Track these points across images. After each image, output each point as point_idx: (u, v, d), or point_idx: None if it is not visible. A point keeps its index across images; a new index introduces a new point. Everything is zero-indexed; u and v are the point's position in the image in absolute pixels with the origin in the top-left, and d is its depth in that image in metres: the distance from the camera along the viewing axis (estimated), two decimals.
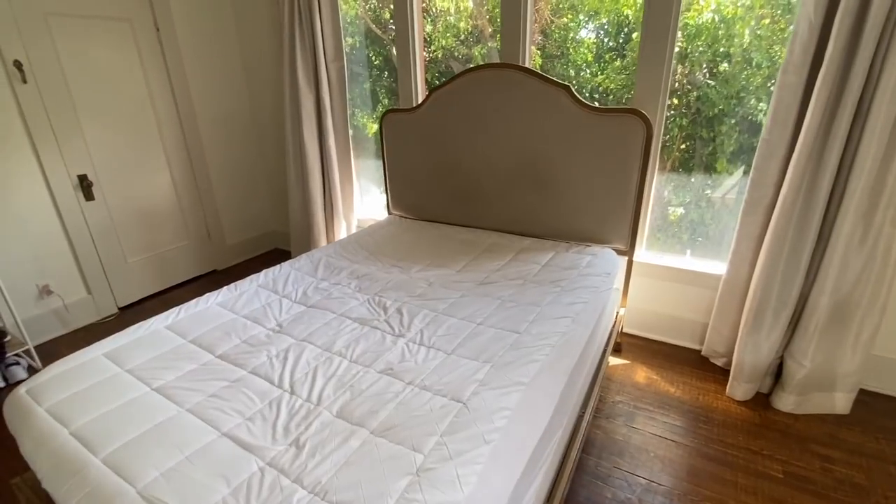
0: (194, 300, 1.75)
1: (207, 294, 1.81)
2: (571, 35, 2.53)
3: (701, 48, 2.13)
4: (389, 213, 2.89)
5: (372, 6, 3.08)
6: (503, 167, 2.32)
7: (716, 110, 2.16)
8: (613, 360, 2.29)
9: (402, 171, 2.70)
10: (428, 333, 1.48)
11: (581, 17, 2.44)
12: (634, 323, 2.49)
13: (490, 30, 2.75)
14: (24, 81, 2.35)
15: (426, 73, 2.83)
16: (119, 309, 2.99)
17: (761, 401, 2.00)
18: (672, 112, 2.20)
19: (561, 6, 2.43)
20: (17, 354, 2.31)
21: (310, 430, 1.08)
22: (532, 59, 2.43)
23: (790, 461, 1.69)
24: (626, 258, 2.17)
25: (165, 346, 1.46)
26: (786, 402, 1.93)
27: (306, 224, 3.21)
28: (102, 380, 1.29)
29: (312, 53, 2.80)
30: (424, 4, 2.76)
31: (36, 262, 2.55)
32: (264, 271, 2.02)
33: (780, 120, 1.74)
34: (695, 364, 2.26)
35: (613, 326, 2.10)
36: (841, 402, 1.91)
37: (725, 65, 2.11)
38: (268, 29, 3.17)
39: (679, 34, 2.03)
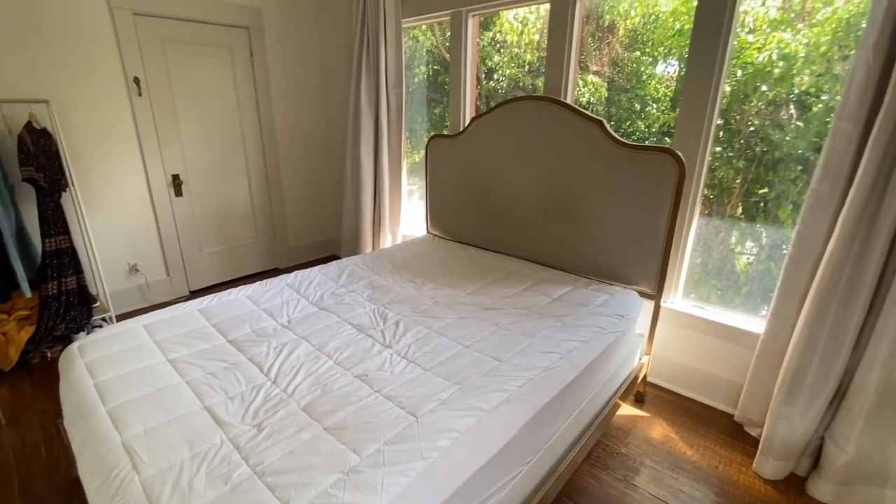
0: (228, 290, 1.98)
1: (242, 286, 2.04)
2: (643, 69, 2.49)
3: (756, 89, 2.00)
4: (427, 231, 3.00)
5: (447, 37, 3.31)
6: (533, 196, 2.33)
7: (774, 154, 2.00)
8: (630, 410, 2.16)
9: (441, 193, 2.81)
10: (415, 348, 1.54)
11: (654, 53, 2.40)
12: (664, 374, 2.32)
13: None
14: (140, 94, 2.85)
15: (490, 101, 2.95)
16: (190, 292, 3.41)
17: (795, 484, 1.76)
18: (721, 154, 2.07)
19: (635, 40, 2.41)
20: (102, 318, 2.75)
21: (274, 418, 1.19)
22: (576, 91, 2.43)
23: None
24: (654, 303, 2.05)
25: (191, 325, 1.68)
26: (822, 490, 1.68)
27: (355, 234, 3.44)
28: (133, 346, 1.52)
29: (375, 79, 3.05)
30: (493, 34, 2.90)
31: (130, 244, 3.03)
32: (295, 272, 2.22)
33: (832, 170, 1.58)
34: (724, 430, 2.04)
35: (633, 373, 1.99)
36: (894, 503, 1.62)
37: (790, 108, 1.96)
38: (345, 58, 3.51)
39: (728, 73, 1.92)
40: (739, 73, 2.07)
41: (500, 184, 2.46)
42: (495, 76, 3.13)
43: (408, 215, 3.48)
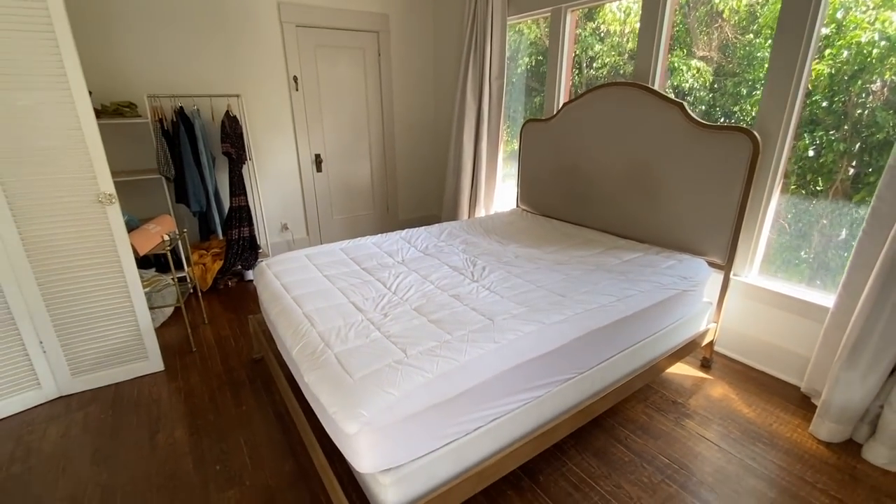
0: (358, 238, 2.60)
1: (369, 236, 2.64)
2: (756, 52, 2.56)
3: (864, 69, 2.02)
4: (517, 206, 3.39)
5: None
6: (615, 173, 2.59)
7: (877, 137, 2.01)
8: (695, 372, 2.34)
9: (532, 171, 3.17)
10: (496, 284, 1.96)
11: (765, 35, 2.44)
12: (735, 346, 2.44)
13: None
14: (297, 90, 3.64)
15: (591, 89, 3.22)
16: None
17: (851, 449, 1.85)
18: (822, 135, 2.12)
19: (751, 22, 2.48)
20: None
21: (395, 311, 1.71)
22: (666, 78, 2.60)
23: (844, 500, 1.60)
24: (724, 273, 2.22)
25: (337, 257, 2.30)
26: (877, 454, 1.76)
27: (454, 208, 3.95)
28: (300, 266, 2.17)
29: (480, 72, 3.48)
30: (597, 25, 3.15)
31: (283, 207, 3.89)
32: (407, 230, 2.78)
33: None
34: (788, 398, 2.15)
35: (697, 336, 2.19)
36: None
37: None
38: (454, 53, 4.00)
39: (815, 54, 2.00)
40: (845, 53, 2.11)
41: (585, 162, 2.75)
42: (595, 65, 3.36)
43: (500, 195, 3.88)
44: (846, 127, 2.09)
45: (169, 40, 3.11)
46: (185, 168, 3.05)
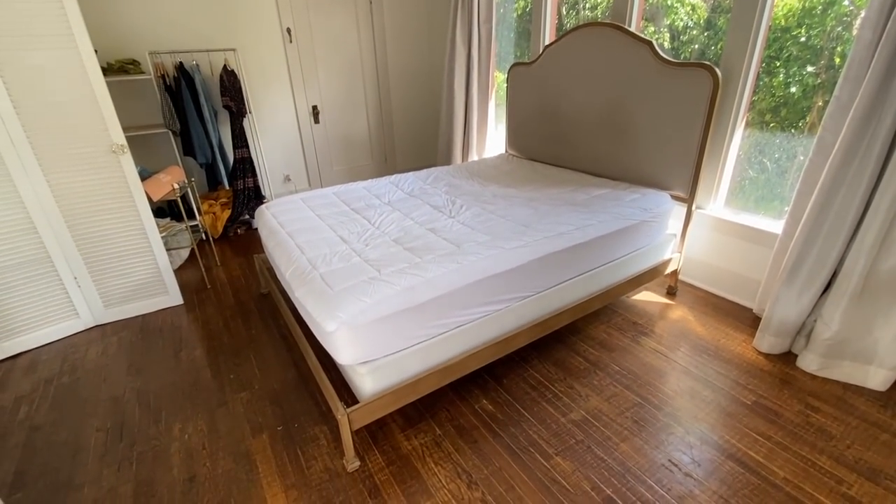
0: (353, 182, 2.80)
1: (360, 181, 2.84)
2: None
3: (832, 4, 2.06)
4: (505, 151, 3.52)
5: None
6: (591, 114, 2.70)
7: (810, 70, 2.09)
8: (660, 299, 2.55)
9: (518, 115, 3.28)
10: (470, 218, 2.16)
11: None
12: (699, 275, 2.63)
13: None
14: (291, 42, 3.73)
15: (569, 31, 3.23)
16: None
17: (788, 359, 2.07)
18: (793, 69, 2.18)
19: None
20: None
21: (375, 241, 1.94)
22: (640, 16, 2.64)
23: (768, 397, 1.84)
24: (686, 207, 2.37)
25: (329, 200, 2.52)
26: (809, 361, 1.98)
27: (448, 155, 4.09)
28: (295, 207, 2.39)
29: (469, 16, 3.51)
30: None
31: (284, 159, 4.08)
32: (397, 175, 2.96)
33: (852, 77, 1.74)
34: (740, 318, 2.36)
35: (661, 265, 2.38)
36: (877, 378, 1.87)
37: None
38: (445, 5, 3.99)
39: None
40: None
41: (565, 104, 2.85)
42: (587, 4, 3.35)
43: (493, 141, 3.99)
44: (823, 63, 2.15)
45: None
46: (189, 122, 3.24)
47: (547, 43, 3.18)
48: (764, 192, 2.41)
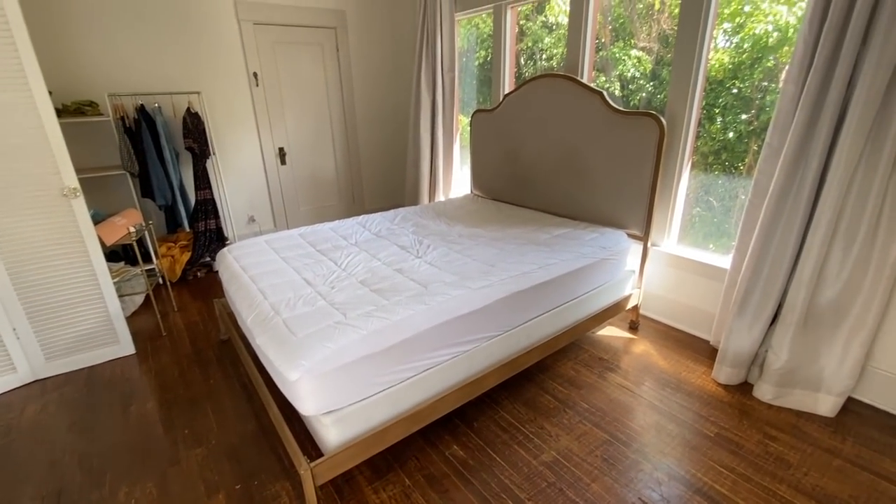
0: (319, 223, 2.79)
1: (326, 222, 2.83)
2: None
3: (760, 58, 2.29)
4: (470, 191, 3.61)
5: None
6: (550, 158, 2.83)
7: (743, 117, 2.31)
8: (623, 334, 2.62)
9: (481, 158, 3.40)
10: (437, 259, 2.19)
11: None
12: (658, 309, 2.73)
13: (603, 40, 3.17)
14: (257, 85, 3.78)
15: (527, 81, 3.43)
16: None
17: (745, 389, 2.15)
18: (729, 117, 2.38)
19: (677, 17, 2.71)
20: None
21: (341, 284, 1.92)
22: (591, 68, 2.85)
23: (729, 428, 1.89)
24: (643, 244, 2.49)
25: (294, 242, 2.49)
26: (764, 391, 2.06)
27: (415, 196, 4.16)
28: (259, 250, 2.35)
29: (433, 65, 3.68)
30: (546, 18, 3.36)
31: (249, 200, 4.03)
32: (364, 215, 2.97)
33: (780, 125, 1.92)
34: (699, 351, 2.44)
35: (622, 300, 2.46)
36: (826, 405, 1.96)
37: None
38: (411, 48, 4.18)
39: (712, 46, 2.27)
40: (746, 45, 2.38)
41: (525, 148, 2.99)
42: (545, 55, 3.58)
43: (459, 182, 4.10)
44: (755, 111, 2.37)
45: (128, 40, 3.20)
46: (148, 163, 3.17)
47: (507, 92, 3.36)
48: (712, 229, 2.57)
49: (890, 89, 1.61)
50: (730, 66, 2.41)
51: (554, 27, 3.43)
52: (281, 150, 4.10)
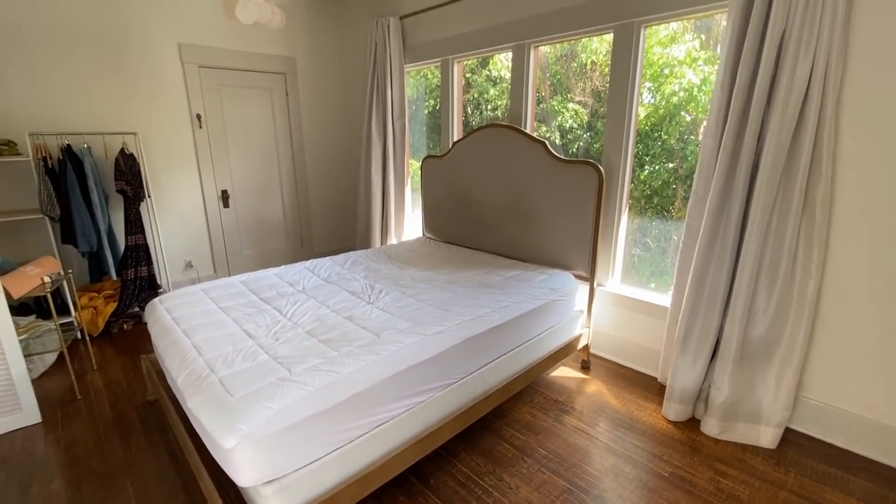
0: (263, 269, 2.65)
1: (271, 268, 2.70)
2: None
3: (676, 114, 2.53)
4: (422, 234, 3.62)
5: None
6: (499, 202, 2.91)
7: (693, 164, 2.52)
8: (576, 374, 2.64)
9: (433, 202, 3.44)
10: (390, 304, 2.13)
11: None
12: (607, 348, 2.80)
13: (543, 93, 3.38)
14: (200, 127, 3.66)
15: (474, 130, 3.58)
16: None
17: (693, 424, 2.20)
18: (658, 165, 2.59)
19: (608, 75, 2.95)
20: None
21: (286, 335, 1.80)
22: (533, 119, 3.02)
23: (682, 466, 1.91)
24: (589, 284, 2.57)
25: (235, 290, 2.34)
26: (710, 426, 2.12)
27: (366, 239, 4.10)
28: (195, 300, 2.18)
29: (383, 113, 3.75)
30: (489, 72, 3.54)
31: (187, 245, 3.79)
32: (312, 260, 2.87)
33: (704, 174, 2.10)
34: (648, 388, 2.50)
35: (572, 340, 2.49)
36: (766, 436, 2.04)
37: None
38: (361, 94, 4.26)
39: (639, 102, 2.48)
40: (664, 103, 2.63)
41: (475, 193, 3.06)
42: (489, 106, 3.76)
43: (411, 225, 4.10)
44: (677, 160, 2.59)
45: (56, 75, 3.02)
46: (72, 207, 2.92)
47: (456, 139, 3.47)
48: (650, 268, 2.71)
49: (793, 143, 1.82)
50: (653, 120, 2.65)
51: (497, 80, 3.64)
52: (224, 192, 3.94)
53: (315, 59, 4.28)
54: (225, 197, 3.96)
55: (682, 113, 2.52)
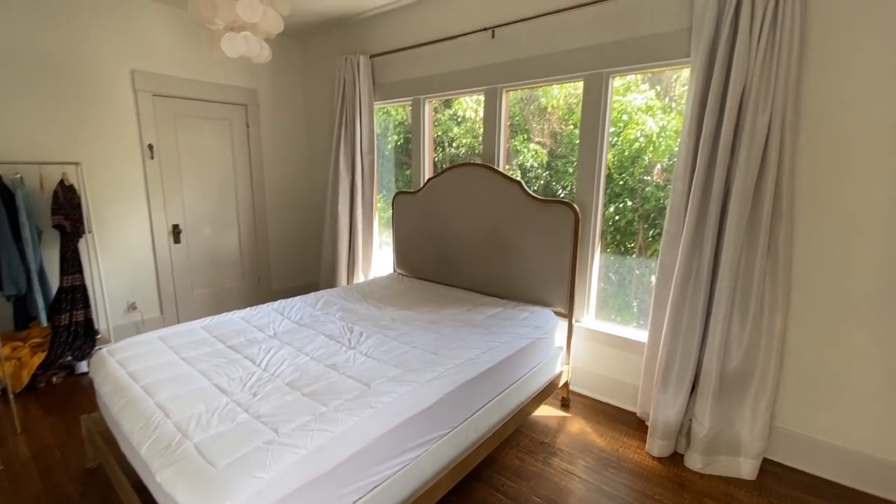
0: (224, 313, 2.44)
1: (235, 311, 2.50)
2: (576, 141, 3.14)
3: (637, 158, 2.69)
4: (394, 270, 3.54)
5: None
6: (476, 239, 2.91)
7: (655, 205, 2.66)
8: (557, 412, 2.61)
9: (405, 238, 3.39)
10: (373, 349, 2.01)
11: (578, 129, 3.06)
12: (585, 384, 2.81)
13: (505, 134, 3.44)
14: (152, 158, 3.42)
15: (451, 164, 3.59)
16: None
17: (676, 459, 2.23)
18: (623, 206, 2.72)
19: (565, 117, 3.11)
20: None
21: (265, 389, 1.64)
22: (508, 158, 3.10)
23: None
24: (567, 321, 2.59)
25: (197, 337, 2.13)
26: (694, 460, 2.15)
27: (331, 276, 3.94)
28: (153, 350, 1.95)
29: (352, 148, 3.70)
30: (454, 111, 3.61)
31: (131, 285, 3.45)
32: (280, 301, 2.69)
33: (675, 215, 2.21)
34: (629, 424, 2.52)
35: (554, 378, 2.47)
36: (746, 468, 2.10)
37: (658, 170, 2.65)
38: (326, 129, 4.19)
39: (608, 146, 2.62)
40: (627, 146, 2.78)
41: (451, 229, 3.05)
42: (455, 144, 3.82)
43: (378, 261, 4.00)
44: (638, 199, 2.74)
45: None
46: None
47: (429, 176, 3.47)
48: (623, 303, 2.80)
49: (757, 188, 1.96)
50: (614, 162, 2.79)
51: (462, 120, 3.73)
52: (175, 227, 3.67)
53: (279, 91, 4.18)
54: (176, 232, 3.68)
55: (643, 156, 2.69)
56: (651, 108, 2.71)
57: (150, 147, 3.41)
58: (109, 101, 3.18)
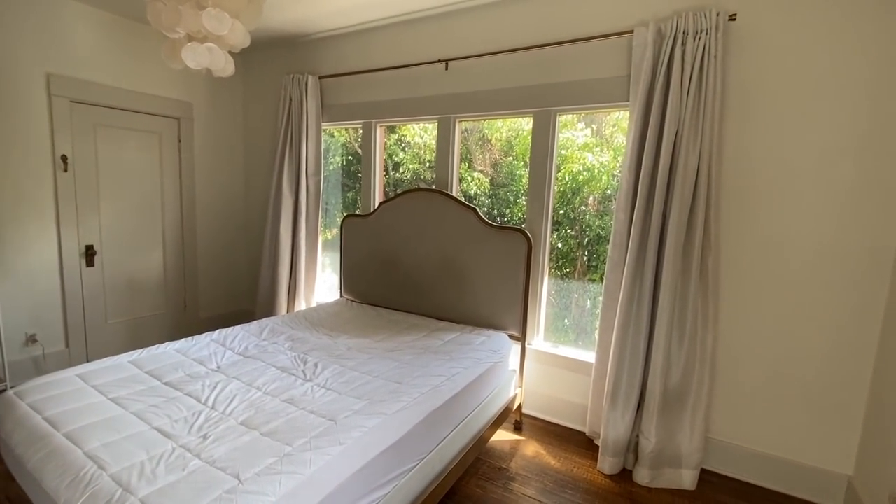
0: (157, 345, 2.20)
1: (169, 342, 2.25)
2: (516, 171, 3.32)
3: (578, 190, 2.89)
4: (341, 296, 3.42)
5: (359, 135, 3.98)
6: (429, 265, 2.92)
7: (597, 233, 2.86)
8: (510, 436, 2.64)
9: (354, 262, 3.30)
10: (332, 380, 1.92)
11: (522, 158, 3.24)
12: (536, 406, 2.88)
13: None
14: (66, 171, 3.04)
15: (397, 189, 3.59)
16: None
17: (626, 475, 2.34)
18: (564, 234, 2.89)
19: (511, 148, 3.25)
20: None
21: (217, 430, 1.49)
22: (460, 185, 3.18)
23: None
24: (521, 344, 2.66)
25: (125, 373, 1.89)
26: (641, 475, 2.28)
27: (270, 301, 3.71)
28: (72, 390, 1.69)
29: (297, 168, 3.57)
30: (399, 136, 3.62)
31: (31, 314, 2.99)
32: (219, 330, 2.48)
33: (618, 243, 2.38)
34: (580, 444, 2.61)
35: (509, 402, 2.50)
36: (687, 479, 2.25)
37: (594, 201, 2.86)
38: (268, 147, 4.01)
39: (556, 178, 2.79)
40: (568, 179, 2.98)
41: (404, 254, 3.02)
42: (401, 169, 3.84)
43: (321, 285, 3.85)
44: (577, 228, 2.93)
45: None
46: None
47: (378, 199, 3.45)
48: (571, 326, 2.93)
49: (690, 220, 2.19)
50: (558, 194, 2.98)
51: (409, 145, 3.78)
52: (89, 248, 3.26)
53: (216, 106, 3.95)
54: (90, 254, 3.27)
55: (584, 189, 2.90)
56: (588, 146, 2.94)
57: (64, 158, 3.04)
58: (15, 105, 2.80)
